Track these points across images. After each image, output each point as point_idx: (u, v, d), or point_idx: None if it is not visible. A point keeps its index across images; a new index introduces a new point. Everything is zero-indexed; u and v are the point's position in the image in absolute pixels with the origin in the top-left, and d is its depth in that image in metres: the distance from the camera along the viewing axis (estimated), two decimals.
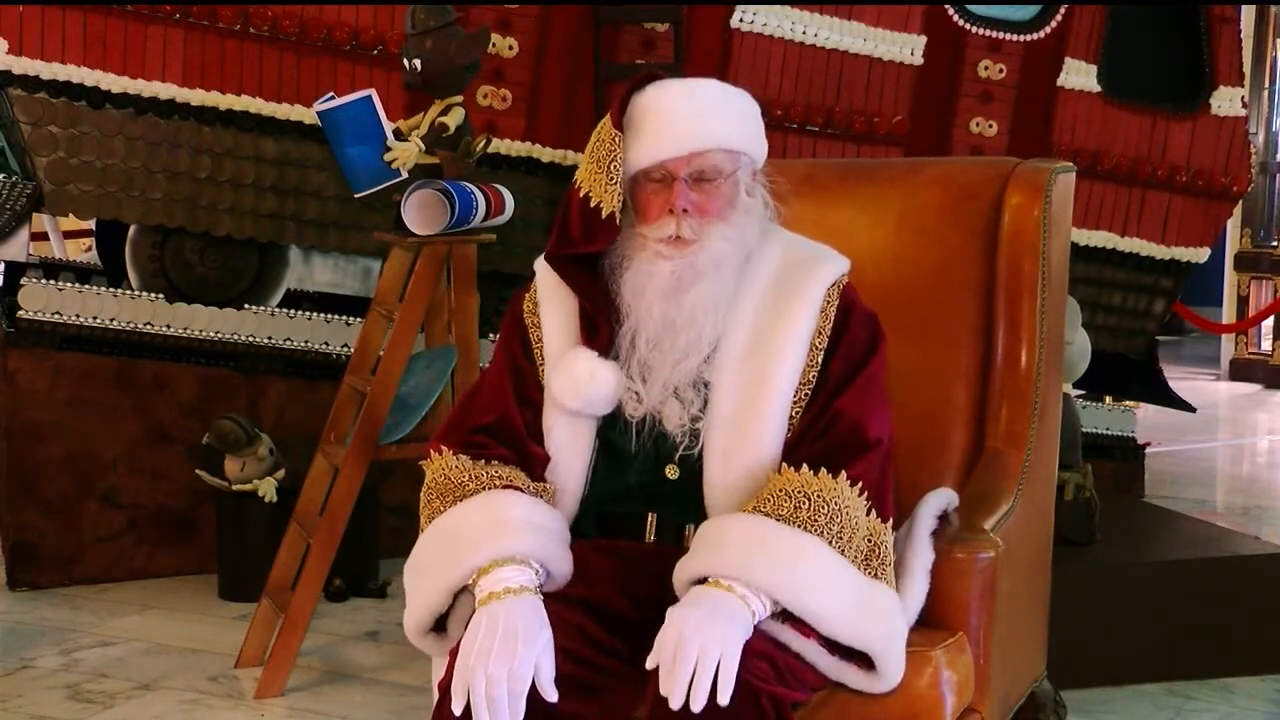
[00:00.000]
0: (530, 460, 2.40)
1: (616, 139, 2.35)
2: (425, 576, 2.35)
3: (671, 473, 2.39)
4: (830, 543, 2.23)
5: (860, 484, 2.28)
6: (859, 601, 2.25)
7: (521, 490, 2.35)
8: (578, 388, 2.37)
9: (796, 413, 2.37)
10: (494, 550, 2.27)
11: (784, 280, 2.42)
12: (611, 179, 2.34)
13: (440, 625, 2.38)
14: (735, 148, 2.39)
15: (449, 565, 2.30)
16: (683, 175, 2.35)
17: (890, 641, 2.29)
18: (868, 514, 2.29)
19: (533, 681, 2.16)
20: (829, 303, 2.42)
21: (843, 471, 2.27)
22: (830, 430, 2.32)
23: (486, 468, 2.37)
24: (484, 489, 2.35)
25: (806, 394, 2.37)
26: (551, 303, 2.47)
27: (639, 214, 2.38)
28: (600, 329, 2.39)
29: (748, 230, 2.41)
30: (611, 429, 2.41)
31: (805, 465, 2.27)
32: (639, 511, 2.42)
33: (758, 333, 2.38)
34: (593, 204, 2.35)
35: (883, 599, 2.29)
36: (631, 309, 2.38)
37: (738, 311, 2.39)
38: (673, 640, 2.11)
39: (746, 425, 2.35)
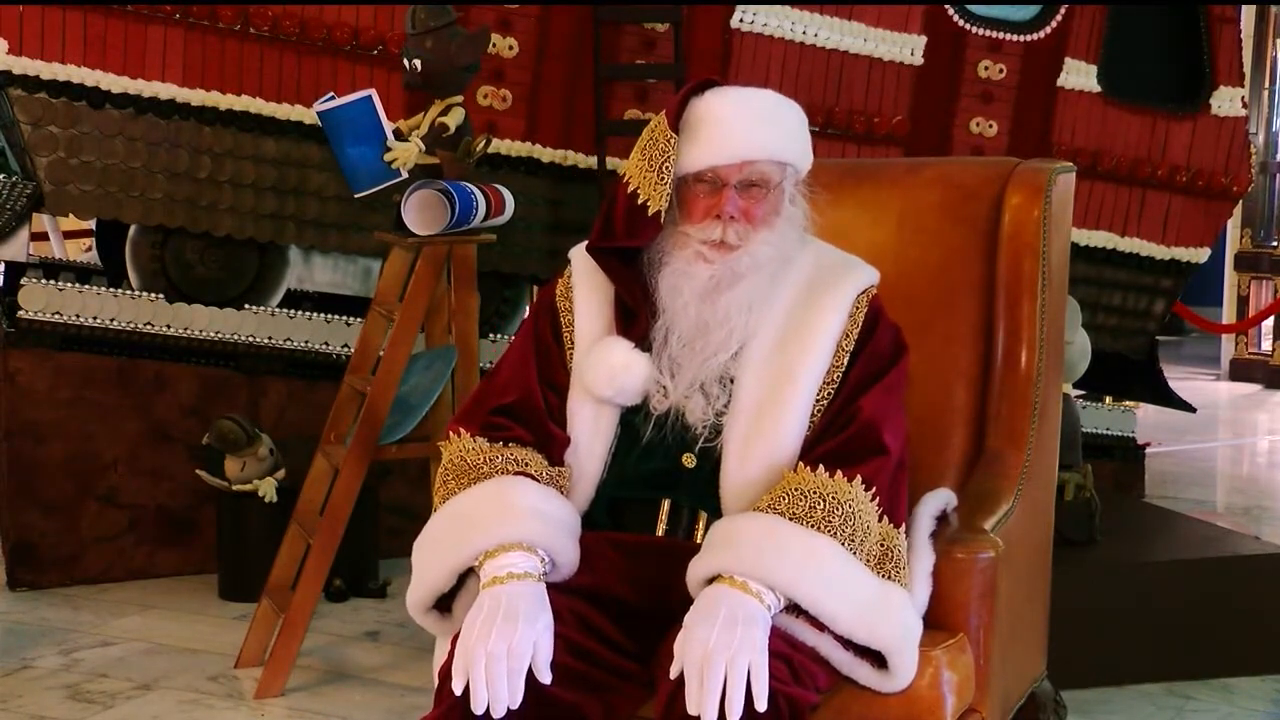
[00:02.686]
0: (550, 442, 2.43)
1: (672, 141, 2.39)
2: (433, 555, 2.38)
3: (689, 461, 2.42)
4: (843, 544, 2.25)
5: (873, 488, 2.30)
6: (872, 601, 2.26)
7: (535, 478, 2.38)
8: (611, 376, 2.41)
9: (818, 411, 2.40)
10: (501, 535, 2.30)
11: (816, 283, 2.47)
12: (663, 179, 2.39)
13: (442, 605, 2.40)
14: (785, 159, 2.45)
15: (456, 546, 2.33)
16: (733, 182, 2.40)
17: (903, 640, 2.30)
18: (880, 519, 2.31)
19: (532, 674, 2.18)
20: (858, 308, 2.47)
21: (857, 476, 2.29)
22: (847, 427, 2.35)
23: (503, 450, 2.40)
24: (498, 473, 2.37)
25: (829, 394, 2.41)
26: (587, 290, 2.51)
27: (684, 213, 2.43)
28: (638, 318, 2.43)
29: (789, 237, 2.47)
30: (635, 416, 2.44)
31: (821, 466, 2.29)
32: (653, 497, 2.44)
33: (786, 331, 2.43)
34: (640, 200, 2.40)
35: (895, 599, 2.31)
36: (667, 307, 2.42)
37: (769, 311, 2.44)
38: (698, 657, 2.11)
39: (767, 418, 2.38)
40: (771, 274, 2.43)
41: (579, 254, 2.55)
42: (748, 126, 2.42)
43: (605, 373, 2.41)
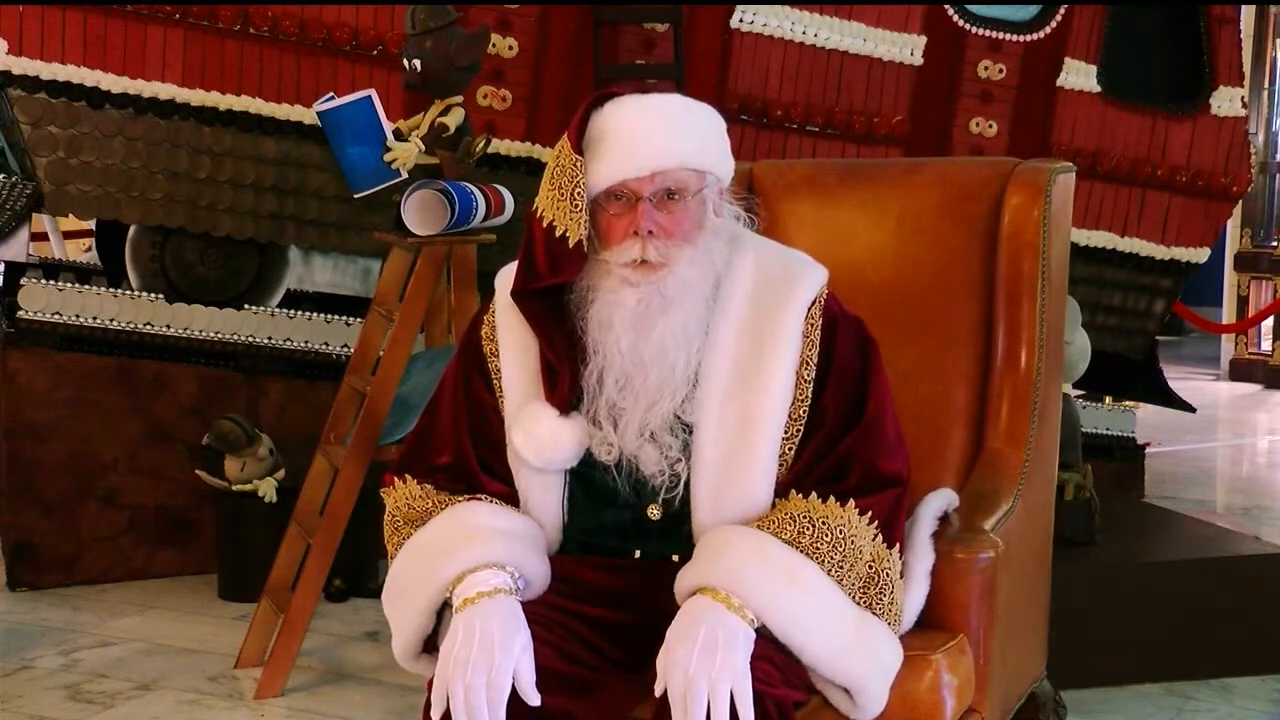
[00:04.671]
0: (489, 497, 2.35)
1: (578, 163, 2.24)
2: (404, 599, 2.31)
3: (654, 513, 2.33)
4: (829, 571, 2.19)
5: (870, 513, 2.24)
6: (845, 635, 2.21)
7: (487, 502, 2.32)
8: (539, 449, 2.30)
9: (789, 449, 2.30)
10: (466, 559, 2.23)
11: (761, 303, 2.32)
12: (576, 205, 2.23)
13: (431, 646, 2.32)
14: (698, 166, 2.28)
15: (424, 583, 2.27)
16: (647, 195, 2.24)
17: (868, 676, 2.24)
18: (873, 539, 2.24)
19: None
20: (811, 326, 2.32)
21: (850, 500, 2.22)
22: (845, 474, 2.26)
23: (450, 498, 2.33)
24: (450, 506, 2.32)
25: (798, 430, 2.30)
26: (511, 334, 2.37)
27: (602, 238, 2.28)
28: (561, 378, 2.30)
29: (715, 252, 2.32)
30: (589, 467, 2.33)
31: (814, 493, 2.22)
32: (623, 549, 2.36)
33: (740, 367, 2.29)
34: (558, 233, 2.24)
35: (871, 633, 2.25)
36: (599, 344, 2.28)
37: (715, 342, 2.30)
38: (679, 683, 2.08)
39: (736, 468, 2.27)
40: (704, 297, 2.28)
41: (504, 286, 2.37)
42: (654, 133, 2.25)
43: (533, 446, 2.29)
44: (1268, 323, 9.81)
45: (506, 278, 2.38)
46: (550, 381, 2.31)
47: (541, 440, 2.29)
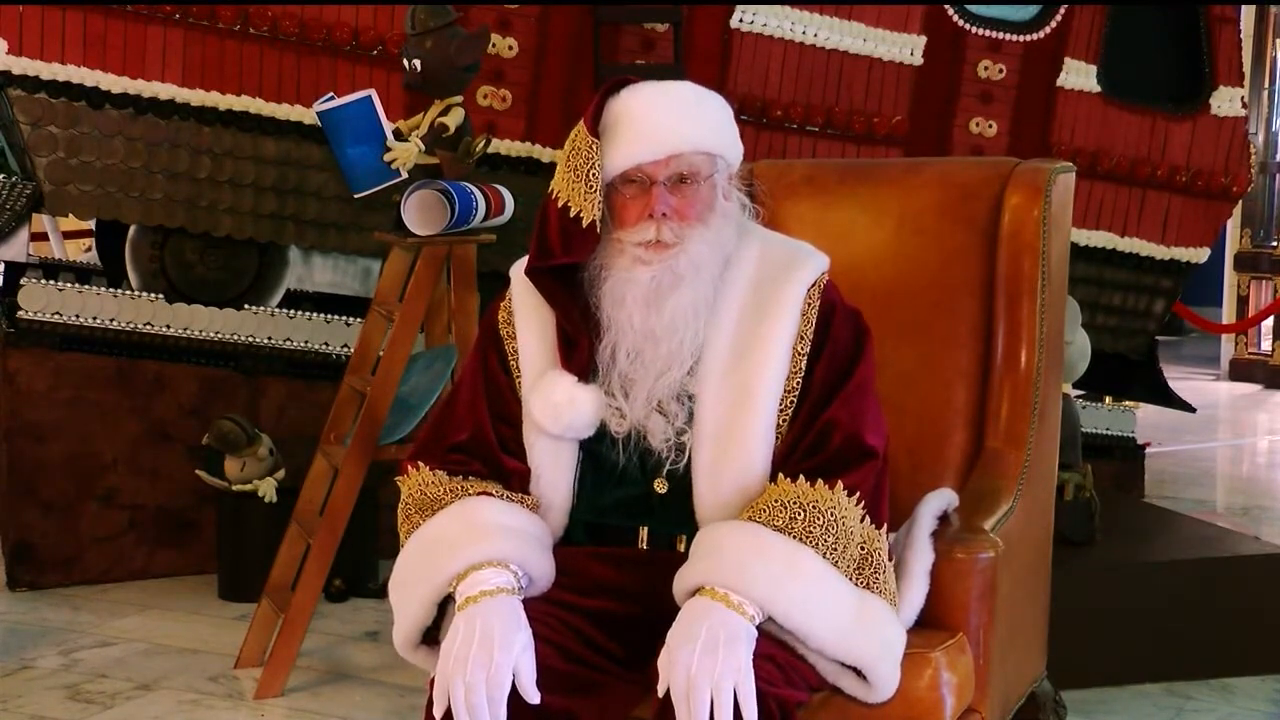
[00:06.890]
0: (505, 475, 2.38)
1: (594, 146, 2.31)
2: (407, 589, 2.34)
3: (660, 487, 2.37)
4: (825, 555, 2.22)
5: (857, 493, 2.27)
6: (850, 616, 2.23)
7: (496, 496, 2.34)
8: (558, 414, 2.35)
9: (784, 421, 2.35)
10: (470, 556, 2.26)
11: (763, 284, 2.39)
12: (591, 187, 2.30)
13: (430, 637, 2.35)
14: (712, 150, 2.35)
15: (428, 576, 2.30)
16: (661, 179, 2.31)
17: (880, 656, 2.27)
18: (861, 521, 2.27)
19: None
20: (810, 305, 2.39)
21: (839, 482, 2.25)
22: (826, 444, 2.30)
23: (463, 482, 2.36)
24: (459, 500, 2.34)
25: (792, 402, 2.35)
26: (528, 315, 2.43)
27: (616, 219, 2.34)
28: (578, 347, 2.36)
29: (726, 234, 2.38)
30: (598, 443, 2.38)
31: (802, 476, 2.25)
32: (630, 525, 2.39)
33: (739, 342, 2.36)
34: (572, 214, 2.31)
35: (874, 612, 2.27)
36: (612, 320, 2.34)
37: (718, 319, 2.36)
38: (682, 683, 2.09)
39: (733, 439, 2.32)
40: (714, 275, 2.35)
41: (518, 276, 2.44)
42: (669, 119, 2.32)
43: (550, 411, 2.34)
44: (1268, 323, 9.81)
45: (520, 267, 2.45)
46: (567, 350, 2.37)
47: (560, 406, 2.34)
